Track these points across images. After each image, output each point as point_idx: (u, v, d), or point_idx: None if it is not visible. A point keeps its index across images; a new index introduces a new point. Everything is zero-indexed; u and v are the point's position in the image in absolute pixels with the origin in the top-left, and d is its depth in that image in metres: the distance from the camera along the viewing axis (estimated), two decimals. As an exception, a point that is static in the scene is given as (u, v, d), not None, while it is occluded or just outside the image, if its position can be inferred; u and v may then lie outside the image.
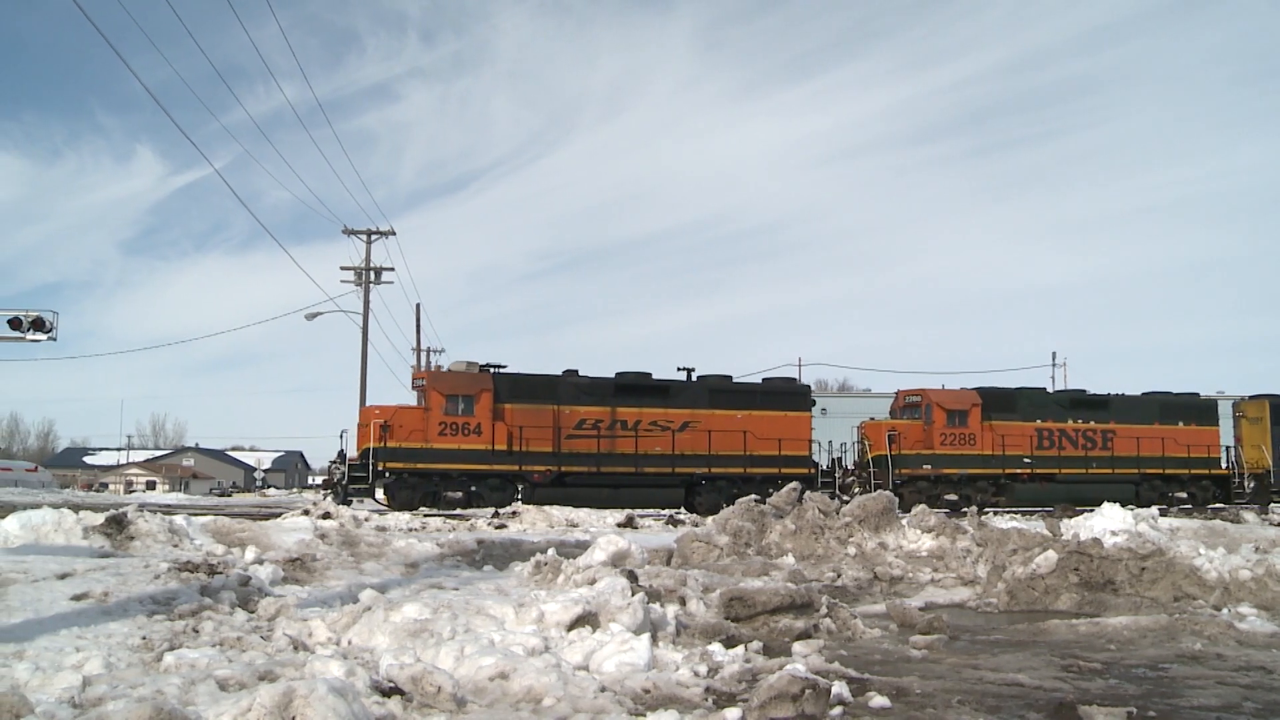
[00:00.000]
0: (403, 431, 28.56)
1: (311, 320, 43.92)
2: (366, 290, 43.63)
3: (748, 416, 31.21)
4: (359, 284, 43.81)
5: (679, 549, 13.78)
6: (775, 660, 6.73)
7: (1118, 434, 34.70)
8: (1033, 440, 33.67)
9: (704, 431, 30.70)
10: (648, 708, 5.40)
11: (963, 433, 32.89)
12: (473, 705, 5.38)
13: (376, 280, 44.11)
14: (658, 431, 30.50)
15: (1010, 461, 33.14)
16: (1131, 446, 34.53)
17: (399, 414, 29.12)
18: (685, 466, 30.61)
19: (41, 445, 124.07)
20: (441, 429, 28.72)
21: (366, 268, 43.98)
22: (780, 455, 30.95)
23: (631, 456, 30.12)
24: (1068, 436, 34.30)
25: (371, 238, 44.22)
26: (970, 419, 33.06)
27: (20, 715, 4.26)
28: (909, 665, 7.10)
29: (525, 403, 29.81)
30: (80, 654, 6.15)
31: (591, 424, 30.19)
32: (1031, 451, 33.50)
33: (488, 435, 28.96)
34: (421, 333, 51.73)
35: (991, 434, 33.07)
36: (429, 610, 7.45)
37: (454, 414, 28.89)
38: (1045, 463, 33.62)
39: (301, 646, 6.83)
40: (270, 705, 4.31)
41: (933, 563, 13.30)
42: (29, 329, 36.12)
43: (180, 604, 7.88)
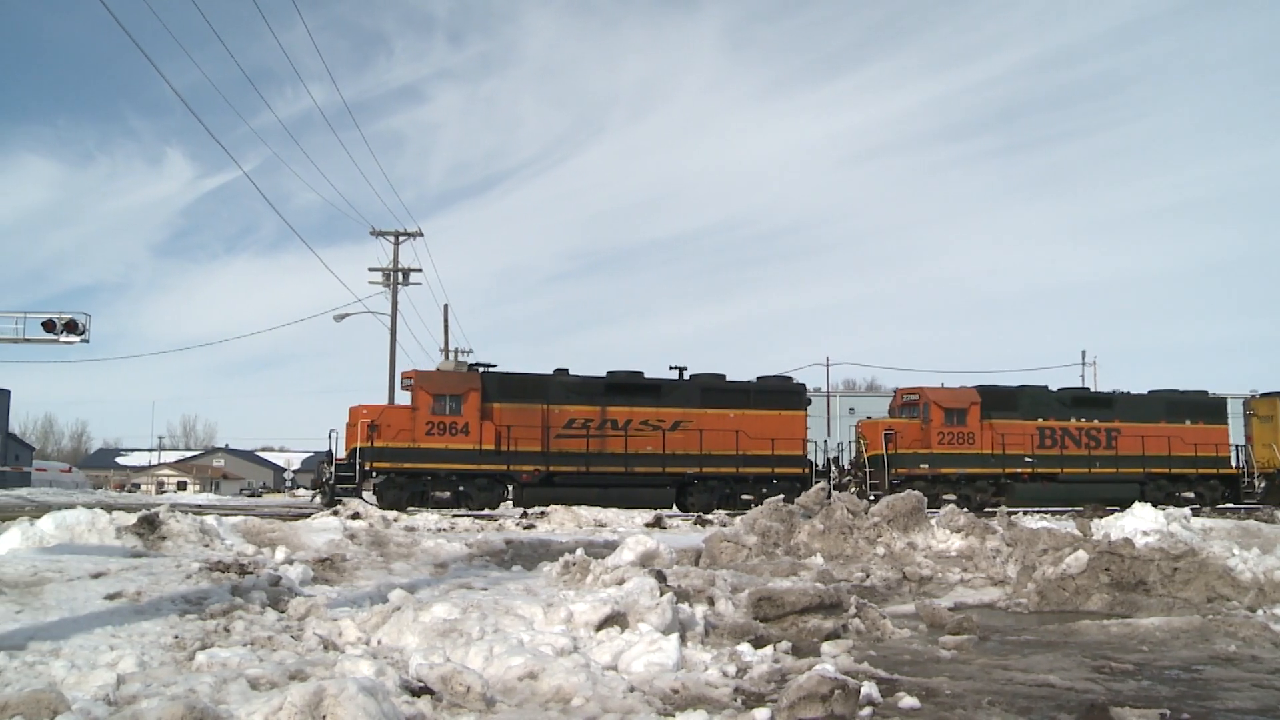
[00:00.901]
0: (390, 431, 28.44)
1: (340, 321, 44.14)
2: (394, 291, 43.79)
3: (740, 416, 30.93)
4: (387, 285, 43.97)
5: (707, 549, 13.76)
6: (804, 660, 6.72)
7: (1122, 432, 34.13)
8: (1034, 439, 33.16)
9: (695, 431, 30.42)
10: (676, 708, 5.40)
11: (961, 432, 32.46)
12: (502, 705, 5.39)
13: (404, 281, 44.26)
14: (649, 431, 30.24)
15: (1011, 461, 32.67)
16: (1136, 445, 33.93)
17: (386, 413, 29.10)
18: (676, 466, 30.37)
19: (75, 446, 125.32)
20: (429, 429, 28.60)
21: (394, 269, 44.13)
22: (774, 455, 30.69)
23: (621, 456, 29.88)
24: (1070, 435, 33.78)
25: (399, 239, 44.38)
26: (969, 418, 32.62)
27: (57, 712, 4.31)
28: (939, 666, 7.06)
29: (514, 402, 29.61)
30: (114, 652, 6.21)
31: (581, 423, 29.97)
32: (1033, 451, 32.99)
33: (475, 435, 28.78)
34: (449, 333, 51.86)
35: (991, 433, 32.62)
36: (458, 610, 7.47)
37: (441, 413, 28.76)
38: (1047, 462, 33.11)
39: (332, 646, 6.87)
40: (301, 704, 4.33)
41: (962, 563, 13.23)
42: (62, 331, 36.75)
43: (212, 603, 7.94)
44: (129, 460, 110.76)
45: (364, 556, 12.57)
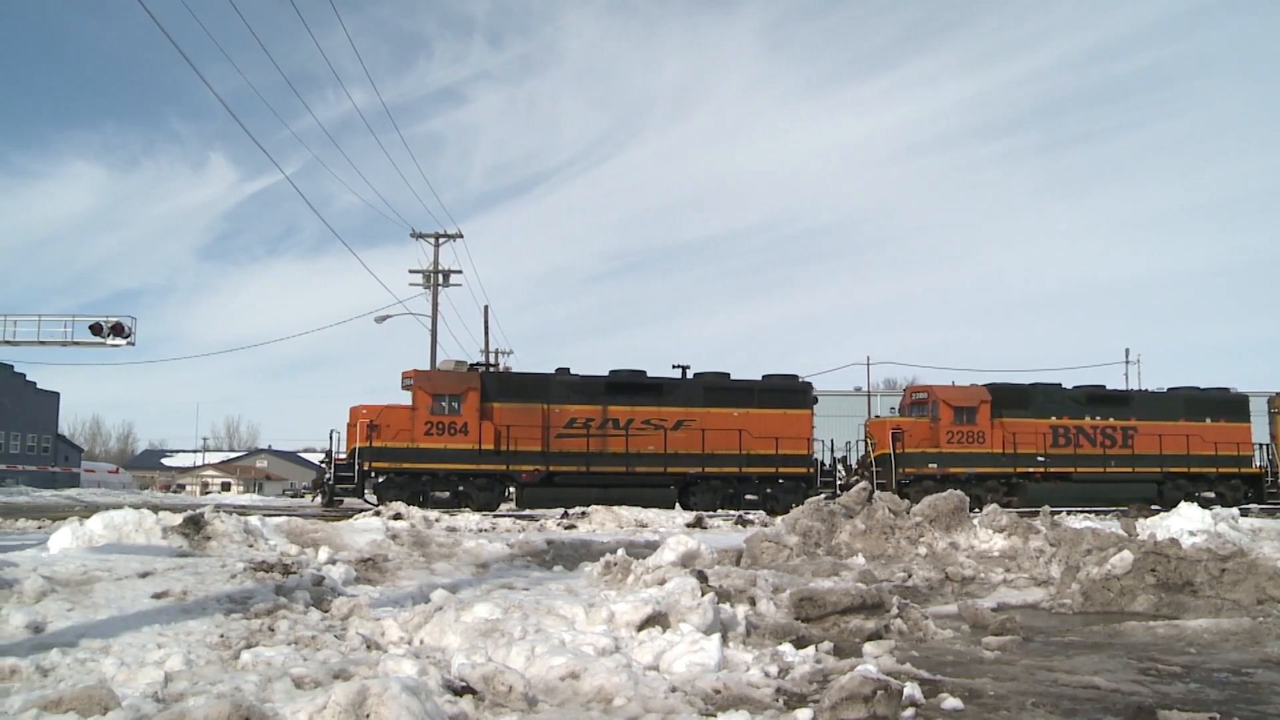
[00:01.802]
0: (389, 431, 28.52)
1: (381, 323, 44.40)
2: (435, 293, 44.03)
3: (744, 415, 30.68)
4: (427, 287, 44.22)
5: (748, 549, 13.74)
6: (846, 661, 6.69)
7: (1139, 431, 33.47)
8: (1046, 438, 32.63)
9: (698, 430, 30.21)
10: (718, 708, 5.39)
11: (970, 430, 32.05)
12: (544, 705, 5.41)
13: (444, 283, 44.48)
14: (650, 430, 30.09)
15: (1022, 460, 32.20)
16: (1154, 444, 33.27)
17: (385, 413, 29.03)
18: (678, 466, 30.18)
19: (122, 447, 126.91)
20: (428, 428, 28.65)
21: (435, 270, 44.37)
22: (777, 455, 30.45)
23: (622, 456, 29.76)
24: (1085, 434, 33.22)
25: (439, 241, 44.62)
26: (979, 416, 32.20)
27: (109, 708, 4.37)
28: (982, 667, 7.00)
29: (514, 401, 29.58)
30: (162, 650, 6.29)
31: (582, 423, 29.87)
32: (1045, 450, 32.47)
33: (474, 434, 28.80)
34: (489, 334, 52.11)
35: (1002, 431, 32.17)
36: (500, 610, 7.50)
37: (440, 413, 28.80)
38: (1060, 461, 32.58)
39: (374, 645, 6.91)
40: (345, 703, 4.37)
41: (1004, 563, 13.13)
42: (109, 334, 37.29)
43: (256, 603, 8.01)
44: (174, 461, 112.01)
45: (406, 557, 12.64)
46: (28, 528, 18.16)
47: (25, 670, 5.66)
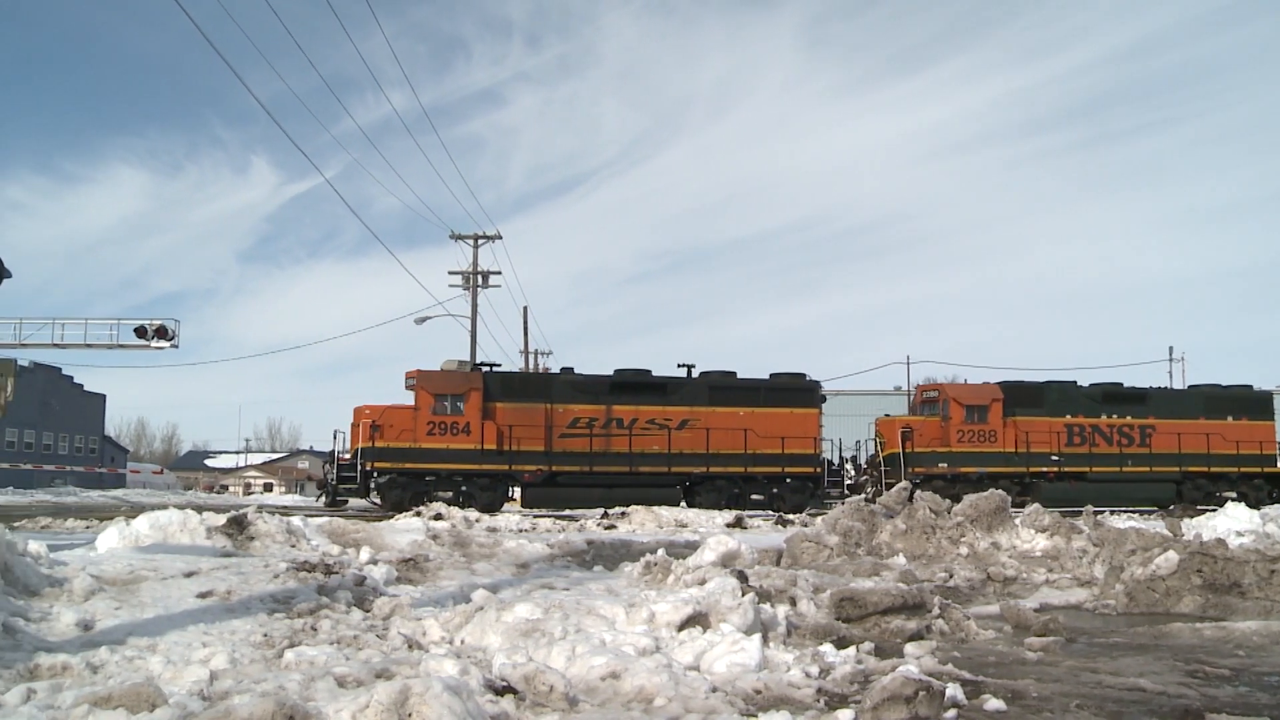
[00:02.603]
0: (392, 431, 28.55)
1: (421, 324, 44.73)
2: (474, 294, 44.28)
3: (750, 414, 30.46)
4: (467, 288, 44.48)
5: (788, 549, 13.71)
6: (887, 661, 6.65)
7: (1157, 429, 32.85)
8: (1061, 437, 32.13)
9: (703, 430, 30.06)
10: (759, 708, 5.38)
11: (982, 429, 31.63)
12: (585, 704, 5.42)
13: (484, 284, 44.74)
14: (655, 430, 29.96)
15: (1035, 460, 31.74)
16: (1172, 443, 32.63)
17: (387, 413, 29.07)
18: (682, 465, 30.01)
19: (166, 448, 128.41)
20: (430, 428, 28.66)
21: (474, 272, 44.61)
22: (784, 454, 30.22)
23: (626, 455, 29.64)
24: (1101, 432, 32.67)
25: (478, 242, 44.85)
26: (990, 414, 31.77)
27: (156, 705, 4.42)
28: (1024, 668, 6.93)
29: (517, 401, 29.54)
30: (207, 649, 6.36)
31: (585, 422, 29.79)
32: (1059, 449, 31.97)
33: (477, 434, 28.78)
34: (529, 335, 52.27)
35: (1014, 430, 31.73)
36: (540, 610, 7.52)
37: (442, 413, 28.80)
38: (1075, 461, 32.06)
39: (416, 645, 6.95)
40: (387, 702, 4.39)
41: (1047, 563, 13.03)
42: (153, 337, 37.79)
43: (299, 603, 8.08)
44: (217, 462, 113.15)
45: (446, 557, 12.71)
46: (76, 527, 18.41)
47: (76, 667, 5.75)
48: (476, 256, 44.75)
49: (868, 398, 53.86)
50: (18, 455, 51.87)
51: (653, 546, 12.66)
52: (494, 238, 45.36)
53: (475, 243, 44.82)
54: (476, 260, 44.73)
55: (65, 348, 39.18)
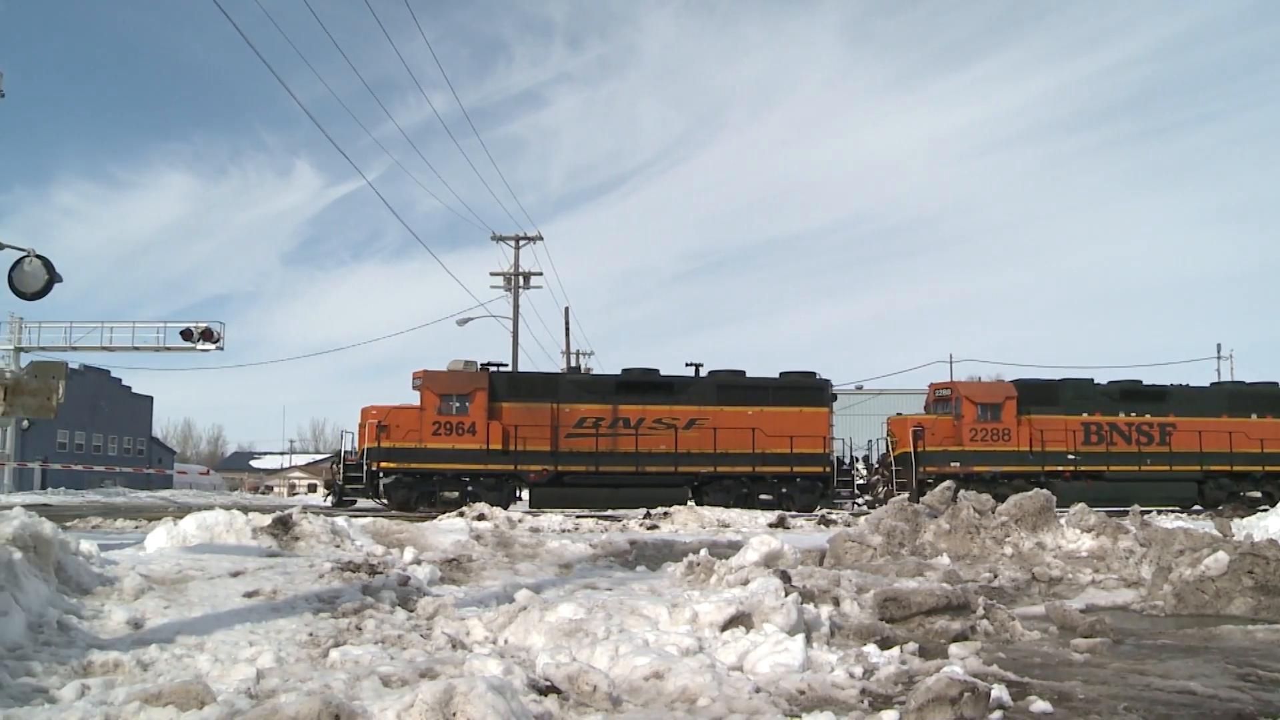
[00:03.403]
0: (399, 431, 28.61)
1: (463, 325, 44.85)
2: (516, 295, 44.40)
3: (759, 413, 30.17)
4: (508, 289, 44.61)
5: (832, 549, 13.66)
6: (932, 662, 6.61)
7: (1177, 427, 32.02)
8: (1077, 435, 31.47)
9: (710, 429, 29.81)
10: (803, 709, 5.36)
11: (995, 428, 31.09)
12: (628, 705, 5.42)
13: (525, 285, 44.85)
14: (661, 429, 29.75)
15: (1051, 458, 31.09)
16: (1193, 441, 31.81)
17: (393, 414, 29.11)
18: (689, 465, 29.78)
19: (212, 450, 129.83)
20: (435, 428, 28.65)
21: (515, 273, 44.75)
22: (792, 454, 29.92)
23: (632, 455, 29.47)
24: (1119, 430, 31.92)
25: (520, 243, 45.00)
26: (1004, 413, 31.21)
27: (205, 703, 4.48)
28: (1071, 669, 6.86)
29: (523, 401, 29.45)
30: (253, 648, 6.43)
31: (592, 422, 29.66)
32: (1075, 447, 31.32)
33: (482, 434, 28.74)
34: (570, 336, 52.37)
35: (1029, 429, 31.16)
36: (583, 610, 7.54)
37: (448, 413, 28.79)
38: (1092, 459, 31.38)
39: (460, 645, 6.99)
40: (432, 701, 4.42)
41: (1093, 563, 12.89)
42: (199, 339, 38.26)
43: (343, 602, 8.15)
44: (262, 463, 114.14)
45: (490, 557, 12.77)
46: (125, 527, 18.66)
47: (127, 664, 5.85)
48: (518, 257, 44.92)
49: (908, 397, 53.46)
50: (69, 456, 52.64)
51: (695, 546, 12.65)
52: (535, 239, 45.51)
53: (516, 244, 44.96)
54: (518, 261, 44.90)
55: (113, 351, 39.82)
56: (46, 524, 8.27)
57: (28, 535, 7.79)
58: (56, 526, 8.47)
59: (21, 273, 10.87)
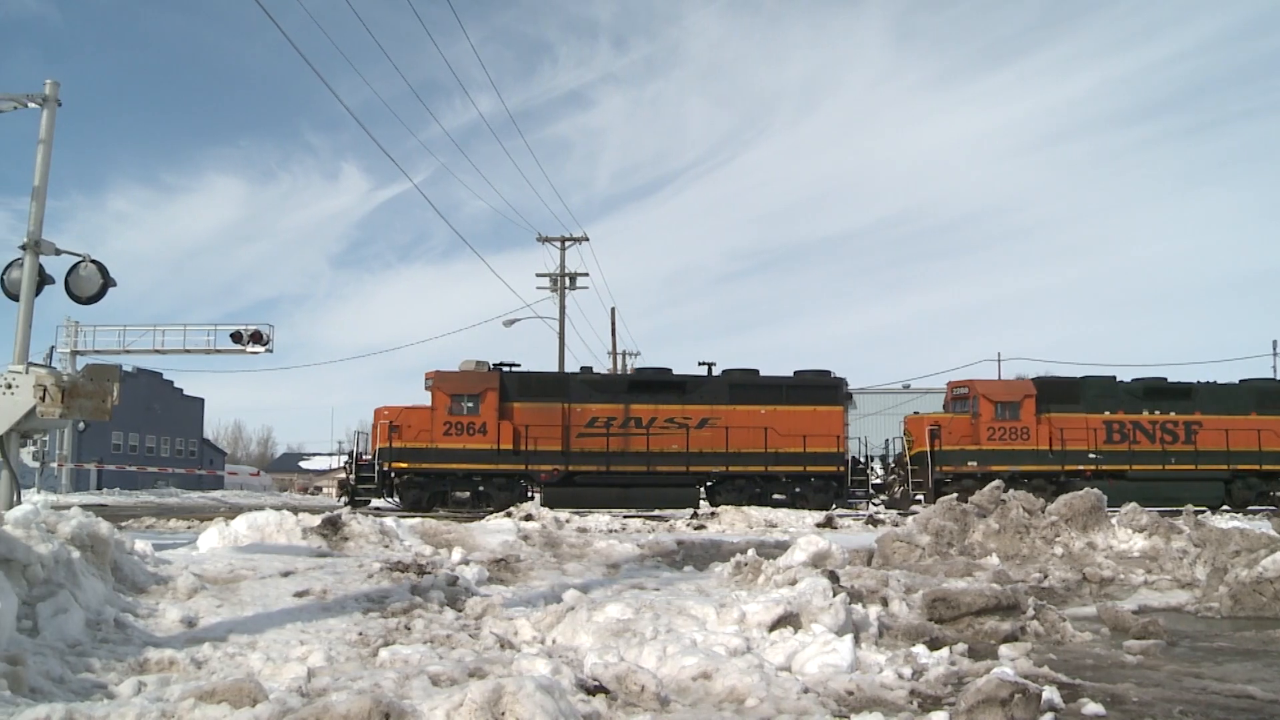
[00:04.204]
0: (410, 432, 28.76)
1: (510, 326, 45.11)
2: (562, 296, 44.55)
3: (772, 412, 29.99)
4: (554, 290, 44.77)
5: (879, 549, 13.58)
6: (981, 663, 6.56)
7: (1203, 426, 31.41)
8: (1098, 434, 30.96)
9: (722, 428, 29.68)
10: (851, 710, 5.34)
11: (1013, 426, 30.66)
12: (676, 704, 5.43)
13: (571, 286, 45.01)
14: (673, 429, 29.68)
15: (1071, 458, 30.65)
16: (1219, 440, 31.13)
17: (405, 414, 29.25)
18: (700, 465, 29.69)
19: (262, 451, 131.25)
20: (446, 429, 28.79)
21: (561, 274, 44.91)
22: (805, 453, 29.72)
23: (643, 455, 29.43)
24: (1142, 429, 31.37)
25: (565, 244, 45.14)
26: (1022, 411, 30.79)
27: (257, 701, 4.53)
28: (1123, 671, 6.76)
29: (533, 401, 29.49)
30: (304, 647, 6.50)
31: (603, 422, 29.64)
32: (1097, 446, 30.82)
33: (493, 434, 28.83)
34: (617, 336, 52.46)
35: (1048, 427, 30.74)
36: (631, 610, 7.55)
37: (459, 413, 28.91)
38: (1114, 459, 30.82)
39: (508, 645, 7.02)
40: (481, 701, 4.44)
41: (1145, 564, 12.71)
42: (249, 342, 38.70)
43: (392, 602, 8.21)
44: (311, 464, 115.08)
45: (537, 557, 12.82)
46: (178, 528, 18.94)
47: (181, 662, 5.94)
48: (563, 258, 45.09)
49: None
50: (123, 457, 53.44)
51: (743, 546, 12.62)
52: (581, 239, 45.66)
53: (562, 245, 45.13)
54: (563, 262, 45.07)
55: (165, 353, 40.36)
56: (103, 524, 8.40)
57: (85, 535, 7.93)
58: (113, 526, 8.61)
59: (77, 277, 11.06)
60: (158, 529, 18.74)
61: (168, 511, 25.28)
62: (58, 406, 9.75)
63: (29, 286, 10.46)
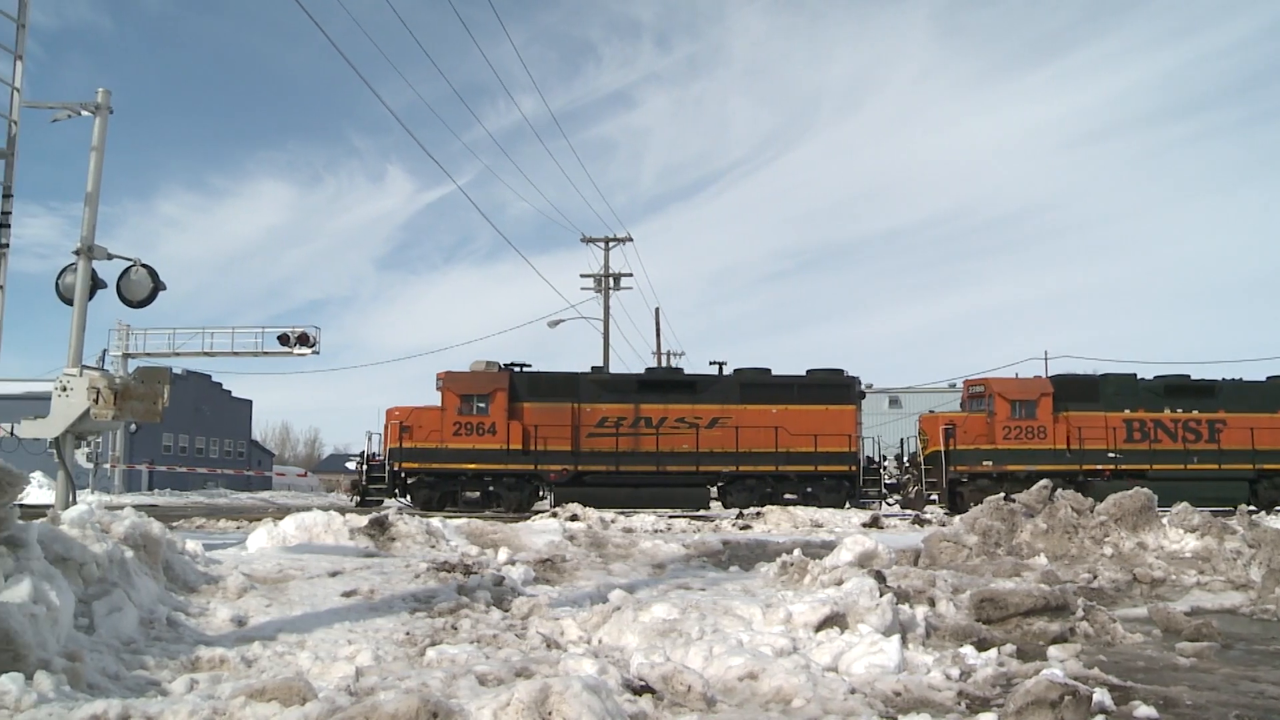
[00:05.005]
0: (421, 432, 28.87)
1: (554, 328, 45.23)
2: (606, 296, 44.62)
3: (783, 411, 29.80)
4: (598, 290, 44.84)
5: (926, 549, 13.49)
6: (1030, 664, 6.49)
7: (1228, 424, 30.79)
8: (1118, 433, 30.43)
9: (733, 428, 29.53)
10: (899, 710, 5.31)
11: (1030, 425, 30.19)
12: (722, 705, 5.42)
13: (616, 286, 45.06)
14: (684, 428, 29.59)
15: (1090, 457, 30.15)
16: (1245, 439, 30.52)
17: (415, 414, 29.34)
18: (710, 465, 29.56)
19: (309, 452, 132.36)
20: (456, 429, 28.85)
21: (605, 274, 44.96)
22: (817, 452, 29.47)
23: (653, 455, 29.35)
24: (1163, 428, 30.78)
25: (609, 245, 45.19)
26: (1039, 410, 30.31)
27: (306, 699, 4.57)
28: (1176, 674, 6.67)
29: (543, 401, 29.49)
30: (352, 646, 6.56)
31: (613, 421, 29.61)
32: (1117, 445, 30.30)
33: (502, 434, 28.87)
34: (661, 336, 52.44)
35: (1066, 426, 30.26)
36: (677, 610, 7.55)
37: (469, 414, 28.96)
38: (1134, 458, 30.28)
39: (554, 645, 7.04)
40: (528, 700, 4.46)
41: (1198, 564, 12.53)
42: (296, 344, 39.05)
43: (439, 602, 8.27)
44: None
45: (583, 557, 12.85)
46: (228, 528, 19.15)
47: (232, 660, 6.01)
48: (607, 259, 45.13)
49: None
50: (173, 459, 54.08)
51: (788, 546, 12.59)
52: (624, 240, 45.67)
53: (606, 245, 45.18)
54: (607, 263, 45.11)
55: (214, 356, 40.86)
56: (155, 524, 8.52)
57: (138, 535, 8.05)
58: (164, 526, 8.73)
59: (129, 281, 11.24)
60: (207, 529, 18.97)
61: (217, 512, 25.59)
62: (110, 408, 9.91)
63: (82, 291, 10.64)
